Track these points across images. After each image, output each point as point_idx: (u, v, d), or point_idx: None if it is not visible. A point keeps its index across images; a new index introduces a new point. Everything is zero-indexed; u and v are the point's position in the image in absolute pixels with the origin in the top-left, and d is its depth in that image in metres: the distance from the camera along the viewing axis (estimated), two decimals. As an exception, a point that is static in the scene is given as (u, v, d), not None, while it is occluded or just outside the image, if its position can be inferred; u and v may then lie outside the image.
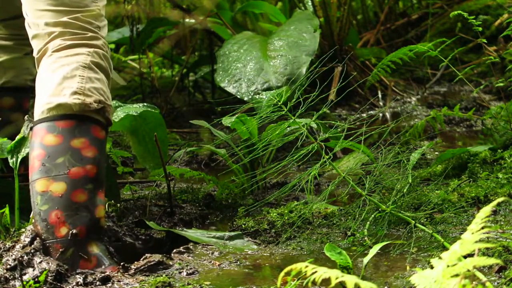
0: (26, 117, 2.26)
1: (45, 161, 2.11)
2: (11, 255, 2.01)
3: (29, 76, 2.93)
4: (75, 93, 2.17)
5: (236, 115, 2.68)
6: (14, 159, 2.30)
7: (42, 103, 2.19)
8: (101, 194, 2.14)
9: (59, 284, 1.94)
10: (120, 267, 2.04)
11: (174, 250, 2.18)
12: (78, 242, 2.06)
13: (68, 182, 2.09)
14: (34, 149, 2.15)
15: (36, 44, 2.31)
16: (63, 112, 2.15)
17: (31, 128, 2.20)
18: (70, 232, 2.05)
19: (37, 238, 2.06)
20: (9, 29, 2.87)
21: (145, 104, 2.73)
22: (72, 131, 2.14)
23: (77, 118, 2.15)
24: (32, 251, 2.00)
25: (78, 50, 2.26)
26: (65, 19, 2.27)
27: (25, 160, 2.24)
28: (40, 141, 2.15)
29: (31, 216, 2.15)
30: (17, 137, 2.34)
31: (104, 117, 2.20)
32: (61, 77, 2.20)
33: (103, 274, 1.98)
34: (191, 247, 2.20)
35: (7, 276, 1.97)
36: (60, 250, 2.05)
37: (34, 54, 2.33)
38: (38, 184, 2.10)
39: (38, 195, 2.09)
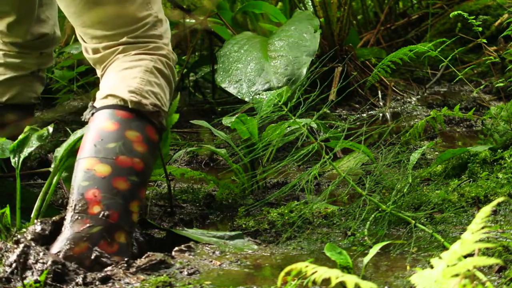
0: (90, 103, 2.30)
1: (97, 143, 2.16)
2: (12, 256, 2.01)
3: (33, 94, 2.95)
4: (132, 92, 2.22)
5: (236, 115, 2.68)
6: (16, 158, 2.31)
7: (104, 94, 2.25)
8: (142, 192, 2.18)
9: (59, 284, 1.95)
10: (124, 262, 2.04)
11: (176, 249, 2.18)
12: (107, 224, 2.08)
13: (113, 167, 2.13)
14: (90, 132, 2.20)
15: (99, 62, 2.35)
16: (120, 103, 2.21)
17: (92, 114, 2.25)
18: (103, 212, 2.07)
19: (37, 238, 2.06)
20: (20, 48, 2.88)
21: None
22: (129, 122, 2.19)
23: (135, 113, 2.21)
24: (32, 251, 2.01)
25: (142, 57, 2.30)
26: (124, 39, 2.30)
27: (26, 160, 2.25)
28: (97, 125, 2.20)
29: (32, 216, 2.15)
30: (20, 137, 2.35)
31: (158, 121, 2.23)
32: (123, 76, 2.25)
33: (103, 274, 1.99)
34: (192, 245, 2.20)
35: (9, 276, 1.97)
36: (88, 224, 2.06)
37: (99, 73, 2.38)
38: (84, 162, 2.14)
39: (82, 172, 2.13)
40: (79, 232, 2.06)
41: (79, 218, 2.08)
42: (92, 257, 2.03)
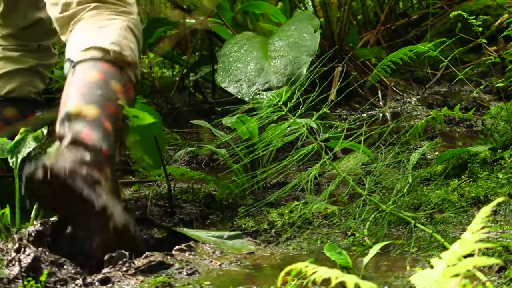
0: (66, 58, 2.33)
1: (84, 92, 2.20)
2: (12, 256, 2.01)
3: (33, 89, 2.95)
4: (113, 43, 2.28)
5: (237, 115, 2.68)
6: (14, 159, 2.31)
7: (80, 46, 2.28)
8: (118, 144, 2.22)
9: (59, 285, 1.95)
10: (121, 264, 2.04)
11: (176, 247, 2.18)
12: (101, 156, 2.11)
13: (102, 111, 2.17)
14: (74, 83, 2.23)
15: (67, 22, 2.40)
16: (102, 55, 2.24)
17: (73, 67, 2.27)
18: (97, 145, 2.10)
19: (36, 239, 2.06)
20: (18, 40, 2.89)
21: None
22: (113, 74, 2.25)
23: (117, 66, 2.26)
24: (32, 252, 2.01)
25: (115, 17, 2.38)
26: None
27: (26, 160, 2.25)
28: (81, 76, 2.23)
29: (31, 216, 2.15)
30: (17, 137, 2.35)
31: (135, 75, 2.30)
32: (101, 32, 2.31)
33: (102, 276, 1.98)
34: (192, 245, 2.20)
35: (9, 277, 1.97)
36: (83, 152, 2.09)
37: (63, 38, 2.41)
38: (73, 109, 2.17)
39: (74, 119, 2.16)
40: (75, 155, 2.06)
41: (74, 148, 2.09)
42: (84, 173, 2.03)
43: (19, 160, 2.31)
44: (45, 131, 2.39)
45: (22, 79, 2.91)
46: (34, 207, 2.24)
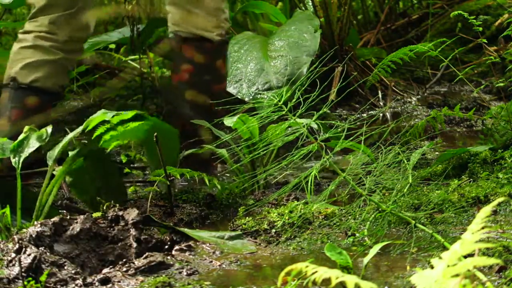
0: (172, 34, 3.03)
1: (193, 75, 2.93)
2: (12, 256, 2.01)
3: (58, 82, 2.99)
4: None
5: (238, 116, 2.68)
6: (16, 158, 2.31)
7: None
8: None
9: (59, 285, 1.95)
10: (121, 264, 2.04)
11: (176, 247, 2.18)
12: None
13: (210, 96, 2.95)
14: (185, 63, 2.98)
15: None
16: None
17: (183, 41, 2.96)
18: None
19: (37, 239, 2.06)
20: (52, 25, 2.92)
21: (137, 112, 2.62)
22: (216, 52, 3.00)
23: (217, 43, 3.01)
24: (32, 252, 2.01)
25: None
26: None
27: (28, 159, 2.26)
28: (190, 56, 2.96)
29: (33, 216, 2.15)
30: (20, 136, 2.35)
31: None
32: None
33: (102, 276, 1.98)
34: (192, 245, 2.20)
35: (9, 277, 1.97)
36: None
37: None
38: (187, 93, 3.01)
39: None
40: None
41: None
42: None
43: (21, 159, 2.31)
44: (49, 129, 2.39)
45: (48, 71, 2.94)
46: (35, 207, 2.24)
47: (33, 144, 2.36)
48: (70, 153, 2.40)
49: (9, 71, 2.98)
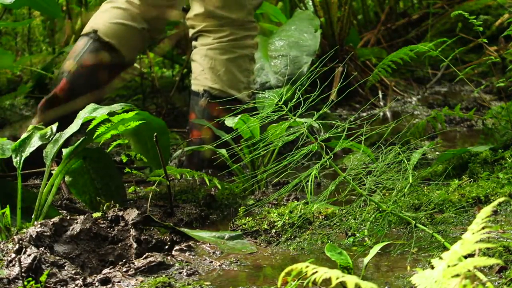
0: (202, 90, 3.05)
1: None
2: (12, 256, 2.01)
3: (134, 52, 3.18)
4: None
5: (239, 116, 2.68)
6: (18, 158, 2.30)
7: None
8: None
9: (59, 285, 1.95)
10: (121, 264, 2.03)
11: (176, 247, 2.18)
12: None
13: None
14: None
15: None
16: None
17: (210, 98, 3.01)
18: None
19: (37, 240, 2.06)
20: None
21: (122, 104, 2.66)
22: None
23: None
24: (33, 252, 2.01)
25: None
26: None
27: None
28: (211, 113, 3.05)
29: (32, 216, 2.14)
30: (22, 137, 2.34)
31: None
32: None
33: (102, 276, 1.98)
34: (192, 245, 2.20)
35: (9, 277, 1.97)
36: None
37: None
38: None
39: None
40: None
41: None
42: None
43: (22, 159, 2.30)
44: (54, 127, 2.39)
45: (129, 37, 3.08)
46: (35, 207, 2.24)
47: (35, 143, 2.36)
48: (65, 151, 2.39)
49: (92, 23, 3.09)
